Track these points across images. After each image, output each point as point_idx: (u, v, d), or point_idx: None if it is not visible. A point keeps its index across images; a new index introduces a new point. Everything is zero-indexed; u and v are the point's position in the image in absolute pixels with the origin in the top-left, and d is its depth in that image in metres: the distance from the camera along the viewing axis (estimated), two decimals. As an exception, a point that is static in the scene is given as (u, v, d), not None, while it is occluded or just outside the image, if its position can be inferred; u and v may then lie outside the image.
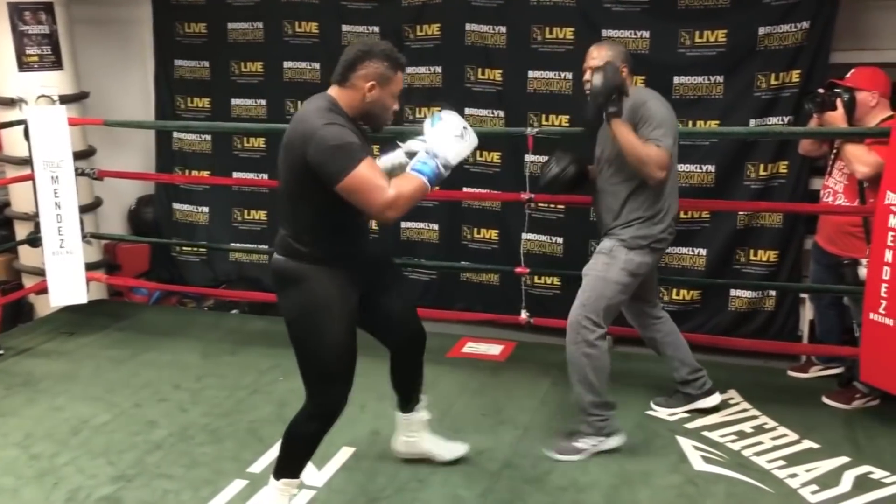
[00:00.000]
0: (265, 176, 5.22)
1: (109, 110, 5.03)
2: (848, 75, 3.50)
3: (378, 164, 2.57)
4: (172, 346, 4.45)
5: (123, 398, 3.78)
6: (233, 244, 5.36)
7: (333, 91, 2.54)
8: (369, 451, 3.25)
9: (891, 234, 3.08)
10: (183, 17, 5.30)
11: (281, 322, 2.65)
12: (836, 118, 3.36)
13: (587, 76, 3.09)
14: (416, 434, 3.09)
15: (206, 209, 5.49)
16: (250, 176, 5.29)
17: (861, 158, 3.29)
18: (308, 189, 2.44)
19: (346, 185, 2.34)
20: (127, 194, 5.63)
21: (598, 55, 3.09)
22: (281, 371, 4.07)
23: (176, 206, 5.55)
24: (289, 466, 2.70)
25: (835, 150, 3.56)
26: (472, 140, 2.48)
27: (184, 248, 5.56)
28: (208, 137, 5.39)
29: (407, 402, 3.04)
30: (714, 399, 3.52)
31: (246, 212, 5.40)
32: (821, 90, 3.45)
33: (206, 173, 5.39)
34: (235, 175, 5.32)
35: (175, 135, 5.44)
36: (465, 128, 2.46)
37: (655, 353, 3.56)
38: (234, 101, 5.28)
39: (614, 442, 3.20)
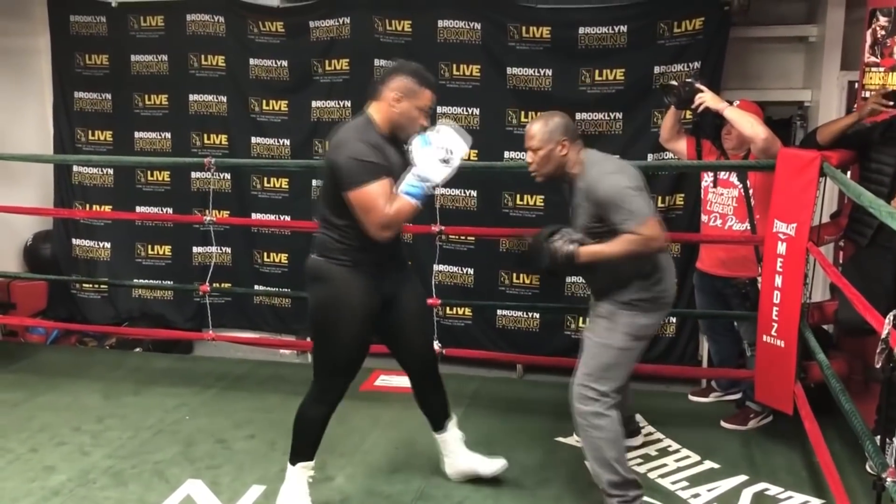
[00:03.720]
0: (170, 210, 5.13)
1: (4, 143, 4.85)
2: (735, 103, 3.70)
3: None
4: (72, 387, 4.28)
5: (18, 443, 3.60)
6: (136, 280, 5.22)
7: (370, 107, 2.79)
8: (279, 488, 3.18)
9: (779, 259, 3.27)
10: (84, 49, 5.18)
11: (186, 360, 2.62)
12: (706, 97, 3.43)
13: (529, 157, 2.90)
14: (454, 453, 3.17)
15: (107, 244, 5.33)
16: (154, 210, 5.18)
17: (754, 123, 3.35)
18: (333, 192, 2.68)
19: (353, 197, 2.61)
20: (23, 230, 5.41)
21: (535, 134, 2.85)
22: (187, 410, 3.98)
23: (76, 241, 5.37)
24: (302, 450, 2.91)
25: (712, 176, 3.70)
26: (456, 162, 2.67)
27: (84, 284, 5.38)
28: (110, 171, 5.26)
29: (436, 420, 3.15)
30: (636, 440, 3.52)
31: (150, 247, 5.27)
32: (674, 82, 3.62)
33: (107, 208, 5.24)
34: (139, 209, 5.19)
35: (75, 168, 5.28)
36: (450, 150, 2.65)
37: None
38: (137, 134, 5.18)
39: None
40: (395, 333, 2.98)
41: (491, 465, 3.18)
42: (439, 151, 2.64)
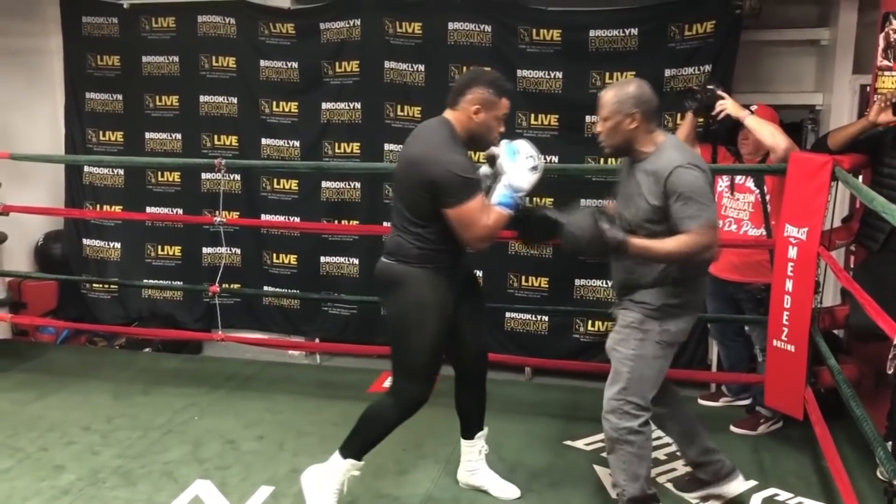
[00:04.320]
0: (180, 211, 5.14)
1: (16, 143, 4.87)
2: (752, 108, 3.70)
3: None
4: (81, 386, 4.30)
5: (28, 442, 3.62)
6: (146, 281, 5.24)
7: (448, 114, 2.80)
8: (288, 490, 3.19)
9: (790, 264, 3.26)
10: (95, 49, 5.20)
11: (195, 360, 2.62)
12: (727, 104, 3.42)
13: (598, 126, 2.71)
14: (476, 465, 3.17)
15: (118, 245, 5.35)
16: (165, 211, 5.19)
17: (774, 133, 3.35)
18: (424, 201, 2.70)
19: (455, 214, 2.66)
20: (34, 230, 5.43)
21: (605, 103, 2.67)
22: (196, 410, 3.99)
23: (86, 241, 5.39)
24: (357, 446, 2.89)
25: (730, 180, 3.70)
26: (541, 168, 2.75)
27: (94, 284, 5.39)
28: (121, 171, 5.27)
29: (468, 426, 3.16)
30: (738, 482, 3.08)
31: (160, 247, 5.29)
32: (696, 87, 3.61)
33: (118, 208, 5.26)
34: (149, 210, 5.21)
35: (86, 169, 5.30)
36: (535, 158, 2.73)
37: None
38: (148, 135, 5.19)
39: None
40: (458, 332, 2.97)
41: (504, 491, 3.15)
42: (528, 161, 2.71)
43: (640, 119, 2.60)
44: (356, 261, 4.95)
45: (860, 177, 3.57)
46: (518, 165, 2.71)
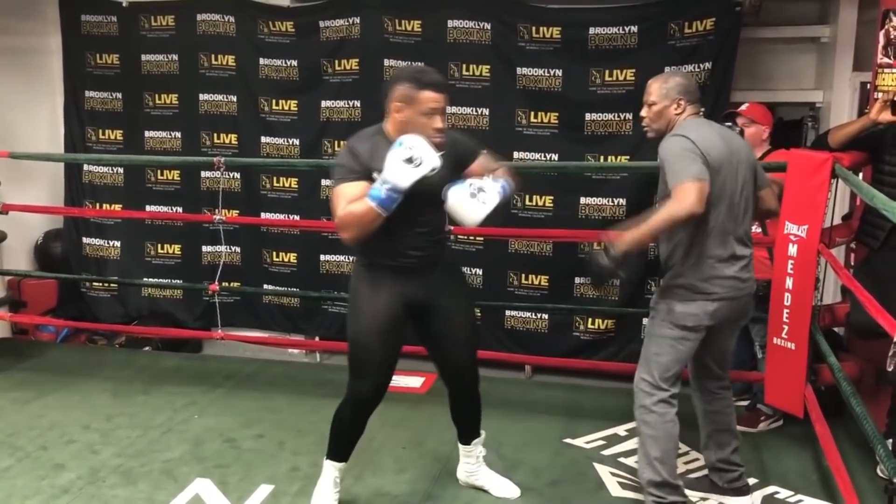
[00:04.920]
0: (180, 209, 5.14)
1: (16, 142, 4.87)
2: (744, 107, 3.71)
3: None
4: (81, 385, 4.29)
5: (27, 441, 3.61)
6: (146, 279, 5.24)
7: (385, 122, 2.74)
8: (288, 488, 3.19)
9: (790, 261, 3.25)
10: (95, 48, 5.20)
11: (195, 359, 2.63)
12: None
13: (643, 112, 2.80)
14: (475, 468, 3.17)
15: (117, 243, 5.35)
16: (164, 209, 5.19)
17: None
18: None
19: (330, 196, 2.68)
20: (34, 228, 5.43)
21: (653, 90, 2.76)
22: (196, 409, 3.99)
23: (86, 240, 5.39)
24: (334, 448, 2.95)
25: None
26: (427, 165, 2.50)
27: (94, 283, 5.40)
28: (120, 170, 5.27)
29: (464, 434, 3.15)
30: (743, 501, 3.04)
31: (160, 246, 5.28)
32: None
33: (117, 207, 5.26)
34: (149, 208, 5.21)
35: (85, 167, 5.30)
36: (417, 152, 2.49)
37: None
38: (147, 134, 5.19)
39: None
40: (437, 345, 2.94)
41: (504, 491, 3.14)
42: (404, 151, 2.50)
43: (685, 106, 2.72)
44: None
45: (860, 174, 3.56)
46: (393, 157, 2.50)
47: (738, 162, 2.69)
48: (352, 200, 2.58)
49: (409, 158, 2.49)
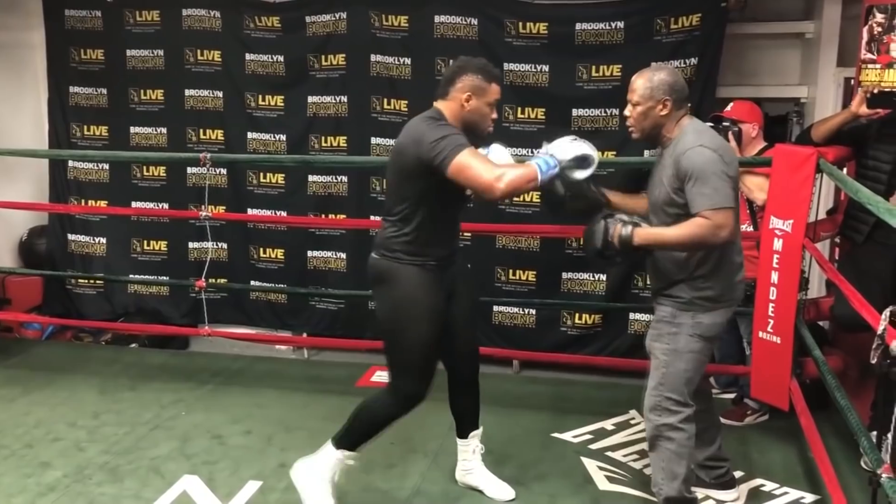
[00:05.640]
0: (166, 205, 5.12)
1: (-1, 138, 4.83)
2: (728, 108, 3.72)
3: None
4: (67, 382, 4.27)
5: (13, 439, 3.59)
6: (132, 276, 5.21)
7: (439, 104, 2.78)
8: (276, 484, 3.19)
9: (775, 256, 3.27)
10: (79, 43, 5.16)
11: (182, 355, 2.61)
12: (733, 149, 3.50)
13: (627, 111, 2.71)
14: (471, 464, 3.16)
15: (103, 240, 5.31)
16: (150, 205, 5.16)
17: (762, 187, 3.43)
18: (414, 190, 2.69)
19: (455, 167, 2.55)
20: (18, 225, 5.39)
21: (636, 88, 2.65)
22: (184, 405, 3.98)
23: (71, 237, 5.35)
24: (351, 439, 2.88)
25: None
26: (587, 145, 2.68)
27: (79, 280, 5.36)
28: (106, 166, 5.24)
29: (462, 426, 3.15)
30: (731, 494, 3.08)
31: (146, 242, 5.25)
32: (709, 125, 3.64)
33: (103, 203, 5.23)
34: (135, 205, 5.18)
35: (70, 163, 5.26)
36: (590, 155, 2.67)
37: None
38: (133, 130, 5.16)
39: None
40: (451, 330, 2.92)
41: (498, 493, 3.14)
42: (567, 137, 2.68)
43: (671, 106, 2.60)
44: (343, 255, 4.94)
45: (844, 169, 3.59)
46: (561, 140, 2.68)
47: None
48: (486, 161, 2.60)
49: (584, 158, 2.65)
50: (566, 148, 2.66)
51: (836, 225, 3.70)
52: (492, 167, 2.56)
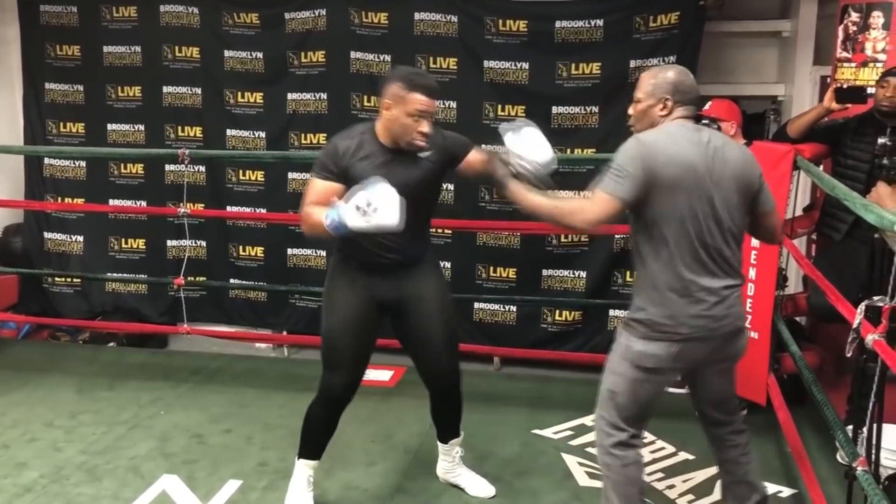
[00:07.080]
0: (144, 203, 5.08)
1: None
2: (707, 106, 3.75)
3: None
4: (44, 382, 4.22)
5: (-11, 440, 3.56)
6: (109, 274, 5.16)
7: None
8: (256, 483, 3.18)
9: (753, 252, 3.31)
10: (54, 39, 5.10)
11: (161, 354, 2.60)
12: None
13: (631, 108, 2.50)
14: (452, 466, 3.17)
15: (80, 238, 5.26)
16: (128, 203, 5.12)
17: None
18: None
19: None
20: (-8, 223, 5.33)
21: (641, 84, 2.45)
22: (162, 405, 3.94)
23: (47, 234, 5.29)
24: (305, 447, 2.92)
25: None
26: (377, 219, 2.35)
27: (56, 278, 5.30)
28: (83, 163, 5.18)
29: (443, 433, 3.14)
30: None
31: (123, 240, 5.21)
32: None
33: (80, 200, 5.18)
34: (112, 202, 5.13)
35: (46, 161, 5.20)
36: (374, 202, 2.35)
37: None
38: (110, 127, 5.11)
39: None
40: (415, 346, 2.90)
41: (479, 490, 3.13)
42: (362, 198, 2.35)
43: (672, 106, 2.37)
44: (323, 253, 4.92)
45: (821, 167, 3.63)
46: (351, 198, 2.39)
47: (720, 178, 2.27)
48: (317, 201, 2.58)
49: (362, 207, 2.35)
50: (349, 213, 2.38)
51: (813, 221, 3.74)
52: (310, 199, 2.63)
